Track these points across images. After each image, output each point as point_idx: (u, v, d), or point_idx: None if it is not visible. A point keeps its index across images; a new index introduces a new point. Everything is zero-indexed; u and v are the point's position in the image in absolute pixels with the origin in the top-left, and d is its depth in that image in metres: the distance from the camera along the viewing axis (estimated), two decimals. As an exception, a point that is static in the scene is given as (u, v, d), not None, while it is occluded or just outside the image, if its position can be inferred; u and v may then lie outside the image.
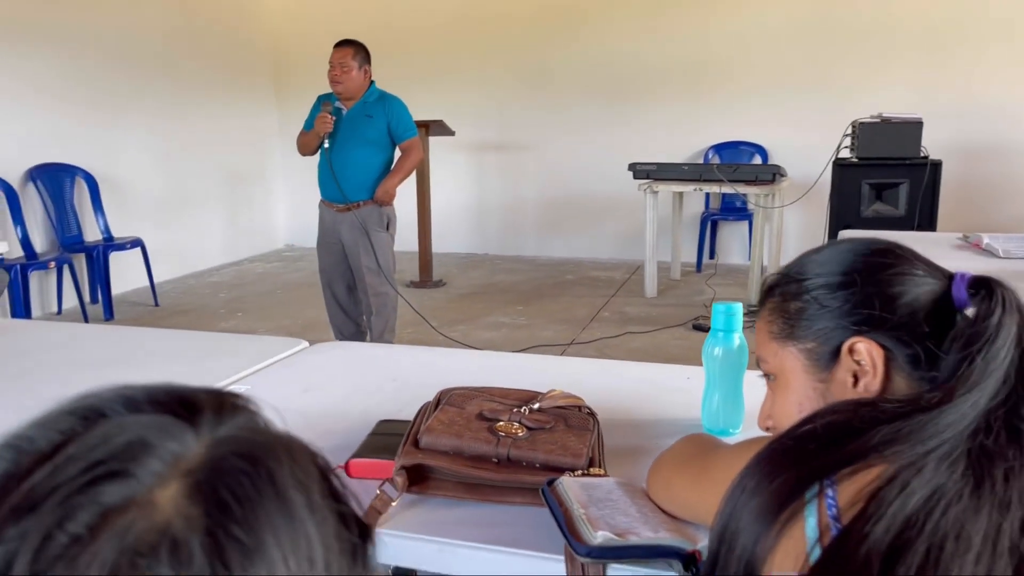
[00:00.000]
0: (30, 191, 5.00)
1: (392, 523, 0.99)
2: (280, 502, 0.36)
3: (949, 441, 0.66)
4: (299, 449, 0.41)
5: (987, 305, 0.72)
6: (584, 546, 0.87)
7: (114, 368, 1.58)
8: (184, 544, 0.33)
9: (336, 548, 0.38)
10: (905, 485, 0.64)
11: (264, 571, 0.34)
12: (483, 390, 1.25)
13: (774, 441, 0.70)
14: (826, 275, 0.81)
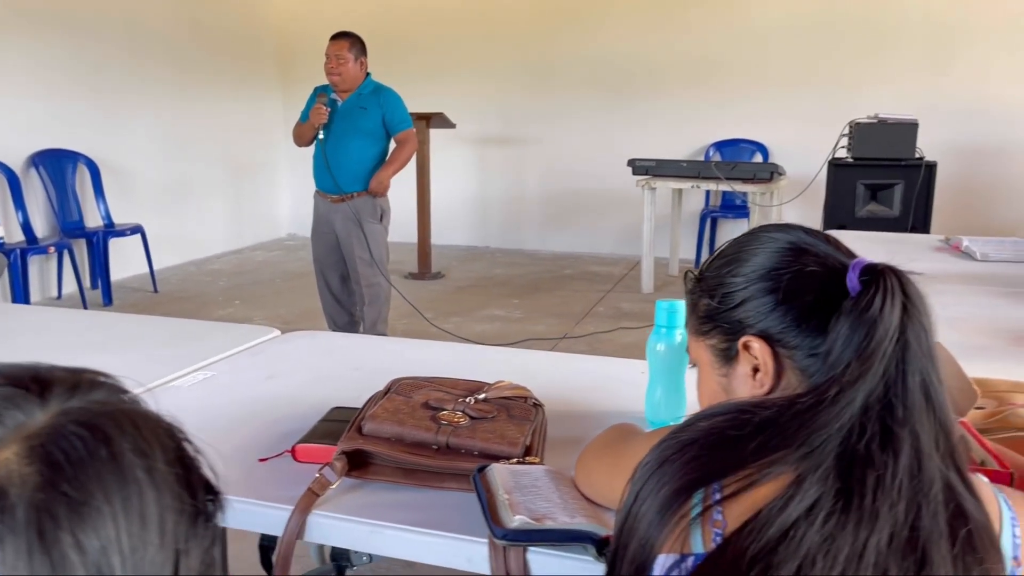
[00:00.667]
0: (32, 176, 5.06)
1: (329, 505, 1.03)
2: (114, 465, 0.40)
3: (820, 447, 0.66)
4: (147, 420, 0.44)
5: (871, 293, 0.70)
6: (501, 529, 0.90)
7: (87, 354, 1.62)
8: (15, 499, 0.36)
9: (174, 509, 0.42)
10: (788, 500, 0.64)
11: (93, 526, 0.38)
12: (434, 380, 1.29)
13: (663, 443, 0.72)
14: (725, 274, 0.82)
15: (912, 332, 0.69)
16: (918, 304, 0.72)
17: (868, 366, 0.68)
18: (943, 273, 2.43)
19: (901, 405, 0.68)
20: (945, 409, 0.70)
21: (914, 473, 0.66)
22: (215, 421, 1.29)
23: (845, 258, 0.79)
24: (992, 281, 2.32)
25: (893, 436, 0.66)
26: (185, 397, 1.40)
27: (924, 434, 0.67)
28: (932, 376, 0.69)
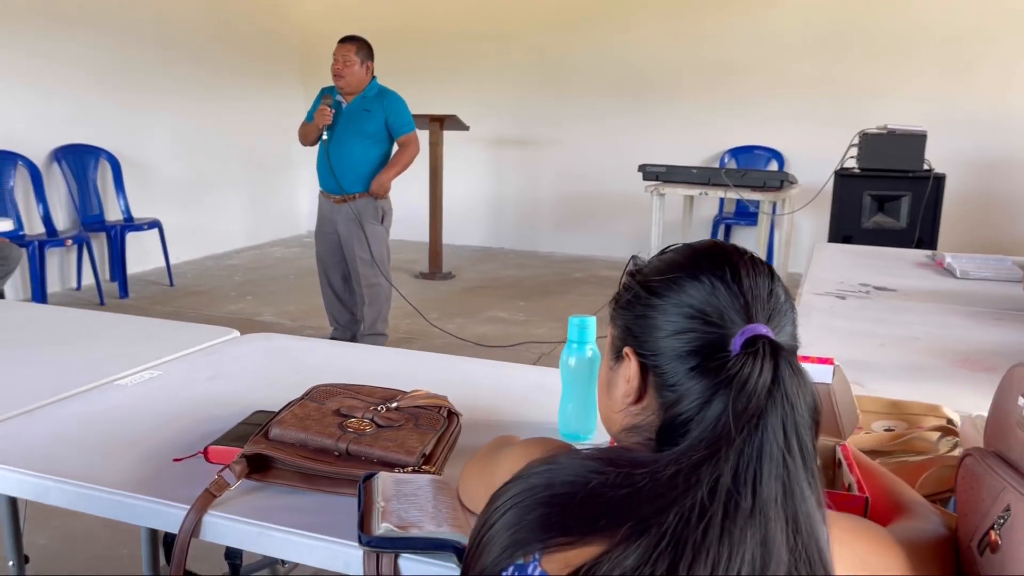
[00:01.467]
0: (54, 170, 5.22)
1: (225, 506, 1.08)
2: None
3: (657, 521, 0.65)
4: None
5: (747, 367, 0.70)
6: (367, 536, 0.94)
7: (47, 348, 1.70)
8: None
9: None
10: (603, 559, 0.64)
11: None
12: (352, 387, 1.34)
13: (521, 486, 0.72)
14: (647, 275, 0.82)
15: (774, 411, 0.68)
16: (788, 382, 0.69)
17: (722, 442, 0.67)
18: (917, 290, 2.42)
19: (750, 495, 0.65)
20: (807, 497, 0.68)
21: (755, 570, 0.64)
22: (146, 420, 1.35)
23: (743, 319, 0.76)
24: (964, 300, 2.30)
25: (734, 529, 0.64)
26: (127, 395, 1.46)
27: (773, 526, 0.65)
28: (798, 461, 0.68)
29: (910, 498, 0.99)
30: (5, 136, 4.90)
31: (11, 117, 4.95)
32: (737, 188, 5.16)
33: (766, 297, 0.77)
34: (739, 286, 0.77)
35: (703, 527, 0.64)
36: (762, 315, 0.75)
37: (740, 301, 0.76)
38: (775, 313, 0.77)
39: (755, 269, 0.79)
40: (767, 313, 0.76)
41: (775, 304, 0.78)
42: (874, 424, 1.33)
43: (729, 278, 0.77)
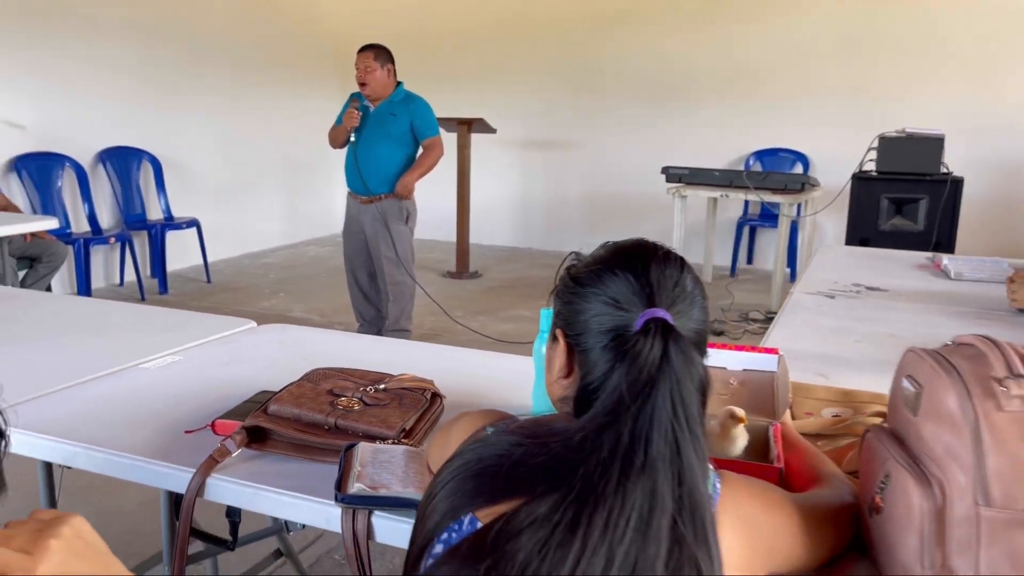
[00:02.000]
0: (99, 171, 5.48)
1: (227, 471, 1.23)
2: None
3: (567, 479, 0.76)
4: None
5: (641, 344, 0.82)
6: (342, 494, 1.09)
7: (85, 335, 1.88)
8: None
9: None
10: (521, 509, 0.76)
11: None
12: (346, 371, 1.48)
13: (462, 458, 0.87)
14: (577, 269, 0.94)
15: (663, 383, 0.79)
16: (675, 359, 0.80)
17: (620, 408, 0.79)
18: (909, 290, 2.50)
19: (643, 453, 0.76)
20: (690, 457, 0.78)
21: (642, 520, 0.75)
22: (165, 398, 1.51)
23: (644, 304, 0.88)
24: (953, 300, 2.38)
25: (628, 483, 0.75)
26: (150, 377, 1.63)
27: (661, 479, 0.76)
28: (684, 426, 0.78)
29: (828, 471, 1.10)
30: (54, 139, 5.17)
31: (59, 121, 5.22)
32: (758, 190, 5.24)
33: (671, 287, 0.90)
34: (647, 277, 0.89)
35: (603, 481, 0.76)
36: (664, 302, 0.88)
37: (646, 290, 0.88)
38: (678, 300, 0.89)
39: (665, 263, 0.92)
40: (669, 300, 0.89)
41: (679, 293, 0.90)
42: (824, 410, 1.44)
43: (640, 270, 0.90)
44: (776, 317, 2.17)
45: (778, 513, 0.91)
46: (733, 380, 1.32)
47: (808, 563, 0.94)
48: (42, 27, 5.04)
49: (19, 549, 0.73)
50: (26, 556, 0.73)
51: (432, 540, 0.85)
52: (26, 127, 5.02)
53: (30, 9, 4.97)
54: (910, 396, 0.93)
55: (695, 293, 0.92)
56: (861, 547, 1.00)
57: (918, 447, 0.91)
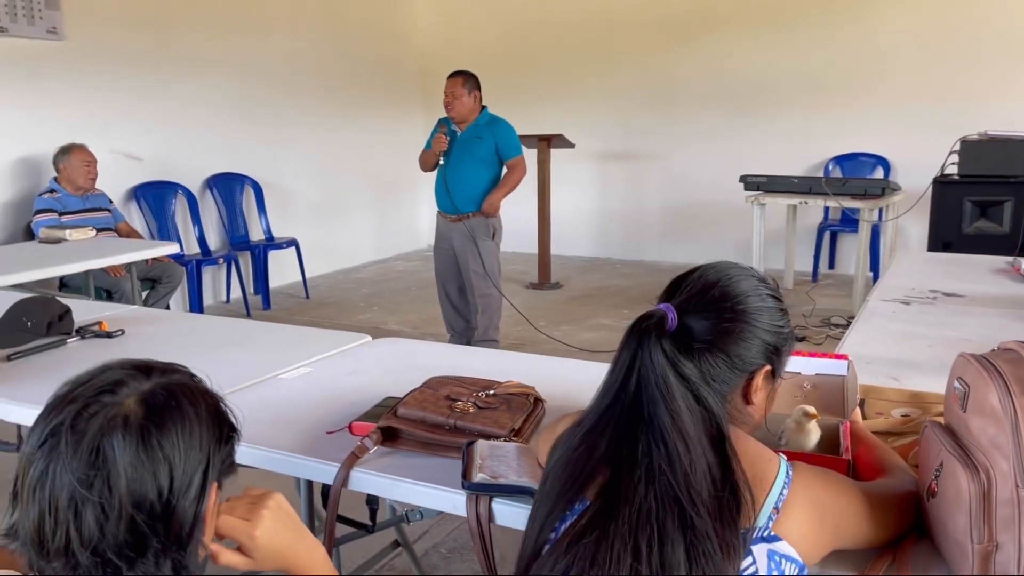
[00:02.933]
0: (207, 197, 5.90)
1: (367, 465, 1.45)
2: (179, 409, 0.83)
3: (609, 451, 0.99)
4: (199, 389, 0.87)
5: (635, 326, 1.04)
6: (468, 482, 1.29)
7: (226, 351, 2.14)
8: (132, 420, 0.80)
9: (211, 434, 0.85)
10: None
11: (167, 436, 0.81)
12: (459, 379, 1.69)
13: (553, 460, 1.09)
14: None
15: (645, 360, 1.00)
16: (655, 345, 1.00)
17: (622, 377, 1.01)
18: (986, 295, 2.57)
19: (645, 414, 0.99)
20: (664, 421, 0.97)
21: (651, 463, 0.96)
22: (305, 404, 1.75)
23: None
24: (1028, 305, 2.44)
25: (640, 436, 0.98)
26: (289, 387, 1.87)
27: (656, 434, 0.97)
28: (661, 397, 0.98)
29: (892, 463, 1.25)
30: (167, 169, 5.61)
31: (171, 152, 5.65)
32: (838, 196, 5.27)
33: (699, 293, 1.08)
34: (682, 281, 1.12)
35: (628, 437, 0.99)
36: (682, 303, 1.07)
37: (671, 290, 1.11)
38: (704, 308, 1.07)
39: (705, 275, 1.11)
40: (689, 304, 1.07)
41: (701, 298, 1.08)
42: (893, 411, 1.58)
43: (686, 275, 1.13)
44: (852, 323, 2.29)
45: (844, 496, 1.07)
46: (807, 384, 1.47)
47: (873, 541, 1.09)
48: (153, 69, 5.48)
49: (240, 516, 0.97)
50: (246, 522, 0.96)
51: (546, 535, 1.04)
52: (143, 159, 5.46)
53: (143, 53, 5.41)
54: (960, 395, 1.08)
55: (732, 294, 1.08)
56: (923, 529, 1.14)
57: (967, 439, 1.06)
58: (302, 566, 1.00)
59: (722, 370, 1.05)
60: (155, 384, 0.85)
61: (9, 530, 0.82)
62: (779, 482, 1.02)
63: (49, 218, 4.46)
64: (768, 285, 1.15)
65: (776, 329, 1.10)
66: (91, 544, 0.77)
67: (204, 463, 0.84)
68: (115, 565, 0.78)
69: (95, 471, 0.78)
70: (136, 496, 0.78)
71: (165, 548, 0.80)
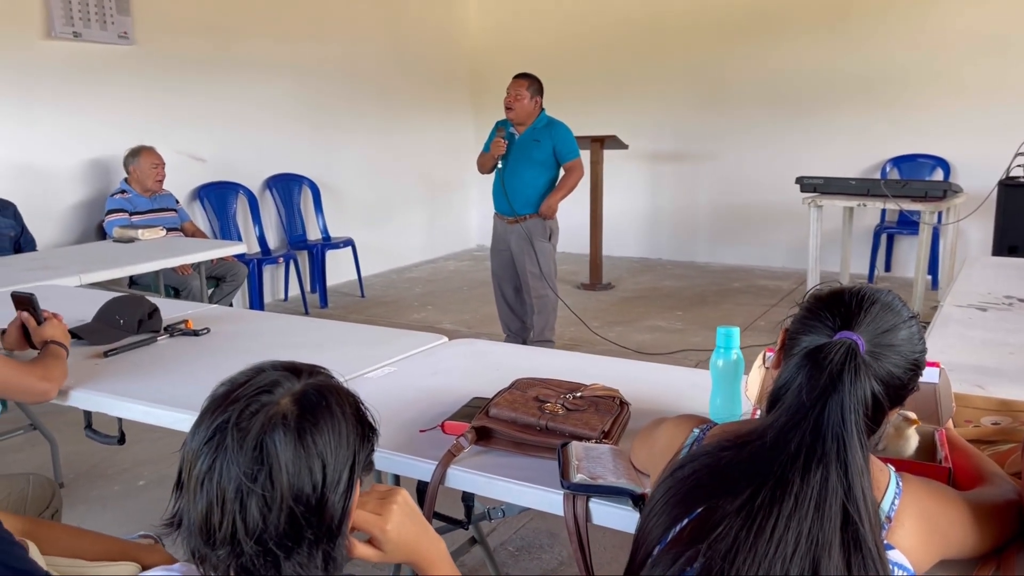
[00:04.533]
0: (267, 197, 6.03)
1: (463, 463, 1.50)
2: (329, 408, 0.88)
3: (765, 471, 0.95)
4: (343, 389, 0.92)
5: (823, 355, 1.00)
6: (567, 482, 1.33)
7: (311, 350, 2.21)
8: (289, 418, 0.85)
9: (354, 432, 0.89)
10: (720, 516, 0.96)
11: (319, 434, 0.85)
12: (546, 380, 1.73)
13: (674, 472, 1.07)
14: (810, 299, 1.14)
15: (836, 392, 0.97)
16: (847, 375, 0.98)
17: (800, 411, 0.98)
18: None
19: (820, 449, 0.96)
20: (857, 456, 0.96)
21: (820, 502, 0.93)
22: (394, 403, 1.80)
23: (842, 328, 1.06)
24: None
25: (809, 473, 0.95)
26: (376, 385, 1.93)
27: (832, 473, 0.95)
28: (851, 430, 0.96)
29: (992, 472, 1.26)
30: (230, 169, 5.74)
31: (233, 153, 5.79)
32: (896, 199, 5.20)
33: (873, 322, 1.06)
34: (855, 309, 1.07)
35: (793, 470, 0.95)
36: (861, 331, 1.05)
37: (846, 318, 1.07)
38: (877, 334, 1.05)
39: (877, 304, 1.08)
40: (868, 332, 1.05)
41: (880, 330, 1.06)
42: (983, 419, 1.58)
43: (855, 305, 1.08)
44: (927, 330, 2.28)
45: (951, 508, 1.08)
46: (898, 390, 1.48)
47: (978, 550, 1.11)
48: (216, 73, 5.62)
49: (372, 511, 1.01)
50: (378, 516, 1.01)
51: (658, 543, 1.05)
52: (206, 160, 5.60)
53: (206, 58, 5.55)
54: (1068, 405, 1.08)
55: (905, 338, 1.06)
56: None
57: (1078, 449, 1.06)
58: (428, 559, 1.05)
59: (882, 407, 1.05)
60: (306, 384, 0.90)
61: (172, 519, 0.88)
62: (891, 492, 1.04)
63: (121, 218, 4.60)
64: (919, 326, 1.13)
65: (920, 371, 1.10)
66: (255, 533, 0.83)
67: (351, 459, 0.89)
68: (274, 554, 0.83)
69: (259, 465, 0.83)
70: (295, 489, 0.84)
71: (318, 539, 0.85)
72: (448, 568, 1.07)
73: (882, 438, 1.30)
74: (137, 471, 3.27)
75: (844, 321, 1.05)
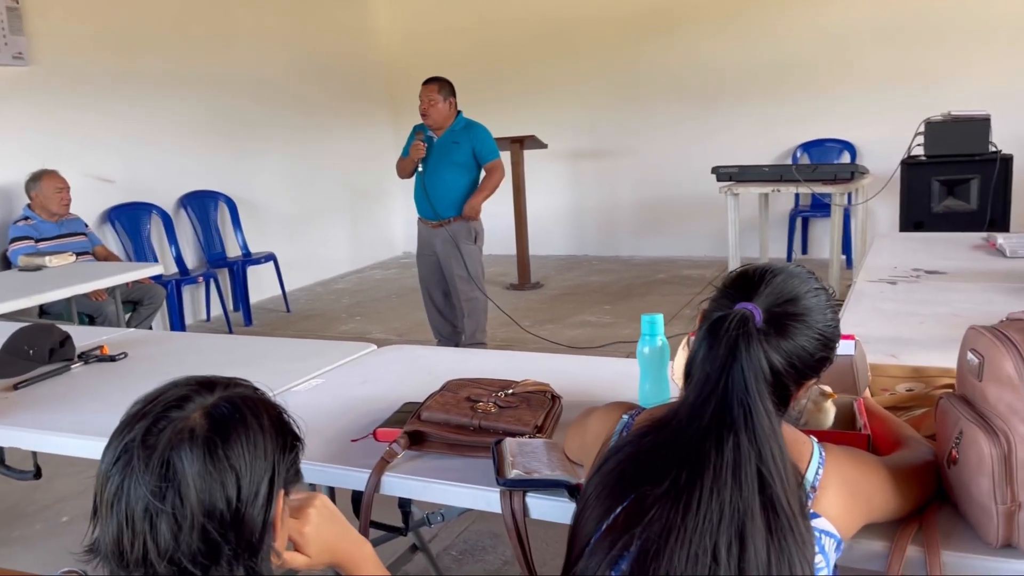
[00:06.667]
0: (182, 216, 5.86)
1: (397, 469, 1.48)
2: (243, 420, 0.85)
3: (684, 451, 0.98)
4: (263, 401, 0.90)
5: (720, 327, 1.01)
6: (502, 479, 1.32)
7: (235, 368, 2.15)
8: (198, 433, 0.82)
9: (273, 443, 0.87)
10: (650, 501, 0.97)
11: (232, 448, 0.83)
12: (477, 380, 1.72)
13: (603, 464, 1.07)
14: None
15: (737, 361, 0.98)
16: (745, 343, 0.99)
17: (706, 384, 1.00)
18: (967, 271, 2.66)
19: (729, 418, 0.97)
20: (760, 417, 0.97)
21: (736, 468, 0.95)
22: (324, 414, 1.77)
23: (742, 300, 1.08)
24: (1010, 277, 2.53)
25: (722, 443, 0.97)
26: (303, 398, 1.89)
27: (743, 439, 0.97)
28: (755, 397, 0.98)
29: (908, 436, 1.30)
30: (141, 189, 5.56)
31: (143, 173, 5.60)
32: (808, 183, 5.37)
33: (775, 292, 1.08)
34: (755, 281, 1.10)
35: (707, 443, 0.97)
36: (761, 302, 1.07)
37: (748, 290, 1.09)
38: (778, 303, 1.08)
39: (778, 275, 1.11)
40: (767, 302, 1.07)
41: (782, 299, 1.08)
42: (898, 386, 1.64)
43: (755, 278, 1.11)
44: (843, 306, 2.36)
45: (873, 474, 1.12)
46: (817, 364, 1.52)
47: (900, 511, 1.15)
48: (121, 91, 5.43)
49: (291, 516, 1.00)
50: (295, 520, 1.00)
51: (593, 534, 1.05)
52: (115, 181, 5.41)
53: (109, 75, 5.36)
54: (974, 366, 1.14)
55: (810, 307, 1.09)
56: (943, 496, 1.20)
57: (984, 407, 1.11)
58: (352, 560, 1.04)
59: (791, 375, 1.07)
60: (219, 397, 0.87)
61: (92, 546, 0.84)
62: (814, 462, 1.07)
63: (25, 246, 4.40)
64: (832, 299, 1.15)
65: (832, 343, 1.12)
66: (167, 553, 0.80)
67: (270, 471, 0.87)
68: (191, 573, 0.81)
69: (166, 483, 0.80)
70: (206, 505, 0.81)
71: (237, 555, 0.83)
72: (375, 568, 1.06)
73: (803, 413, 1.34)
74: (59, 507, 3.13)
75: (745, 294, 1.08)
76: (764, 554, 0.93)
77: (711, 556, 0.93)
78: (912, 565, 1.11)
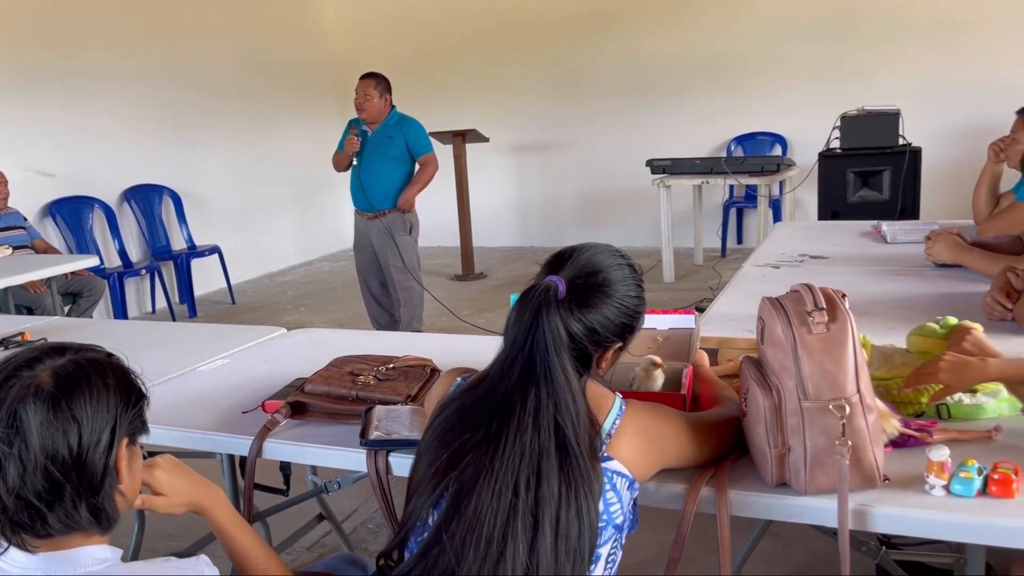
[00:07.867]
0: (125, 209, 5.91)
1: (279, 436, 1.62)
2: (88, 379, 1.00)
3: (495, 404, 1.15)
4: (110, 363, 1.04)
5: (527, 297, 1.19)
6: (365, 440, 1.48)
7: (147, 350, 2.27)
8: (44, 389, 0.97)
9: (116, 399, 1.02)
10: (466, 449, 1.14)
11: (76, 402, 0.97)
12: (363, 357, 1.87)
13: (432, 422, 1.24)
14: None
15: (539, 327, 1.15)
16: (547, 311, 1.15)
17: (515, 345, 1.16)
18: (848, 256, 2.87)
19: (532, 375, 1.14)
20: (557, 372, 1.14)
21: (536, 417, 1.12)
22: (222, 391, 1.90)
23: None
24: (882, 261, 2.74)
25: (525, 395, 1.14)
26: (207, 376, 2.02)
27: (542, 392, 1.13)
28: (553, 356, 1.14)
29: (725, 396, 1.48)
30: (83, 182, 5.60)
31: (86, 165, 5.65)
32: (736, 175, 5.60)
33: (579, 269, 1.26)
34: (564, 258, 1.28)
35: (514, 397, 1.14)
36: (566, 275, 1.23)
37: (555, 267, 1.27)
38: (580, 277, 1.24)
39: (585, 254, 1.28)
40: (570, 274, 1.24)
41: (587, 275, 1.25)
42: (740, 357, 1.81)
43: (565, 255, 1.29)
44: (723, 287, 2.54)
45: (668, 426, 1.28)
46: (660, 336, 1.70)
47: (698, 459, 1.31)
48: (61, 84, 5.47)
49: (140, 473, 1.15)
50: (146, 467, 1.16)
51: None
52: (56, 175, 5.45)
53: (49, 69, 5.40)
54: (759, 330, 1.31)
55: (611, 280, 1.25)
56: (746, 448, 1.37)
57: (765, 366, 1.29)
58: (208, 503, 1.20)
59: (591, 338, 1.22)
60: (68, 360, 1.02)
61: None
62: (613, 414, 1.23)
63: (-38, 239, 4.45)
64: (636, 274, 1.33)
65: (634, 312, 1.29)
66: (14, 490, 0.95)
67: (112, 422, 1.01)
68: (37, 507, 0.95)
69: (13, 431, 0.95)
70: (49, 451, 0.96)
71: (80, 494, 0.98)
72: (231, 513, 1.21)
73: (634, 379, 1.51)
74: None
75: (555, 268, 1.25)
76: (556, 488, 1.10)
77: (512, 491, 1.10)
78: (705, 503, 1.28)
